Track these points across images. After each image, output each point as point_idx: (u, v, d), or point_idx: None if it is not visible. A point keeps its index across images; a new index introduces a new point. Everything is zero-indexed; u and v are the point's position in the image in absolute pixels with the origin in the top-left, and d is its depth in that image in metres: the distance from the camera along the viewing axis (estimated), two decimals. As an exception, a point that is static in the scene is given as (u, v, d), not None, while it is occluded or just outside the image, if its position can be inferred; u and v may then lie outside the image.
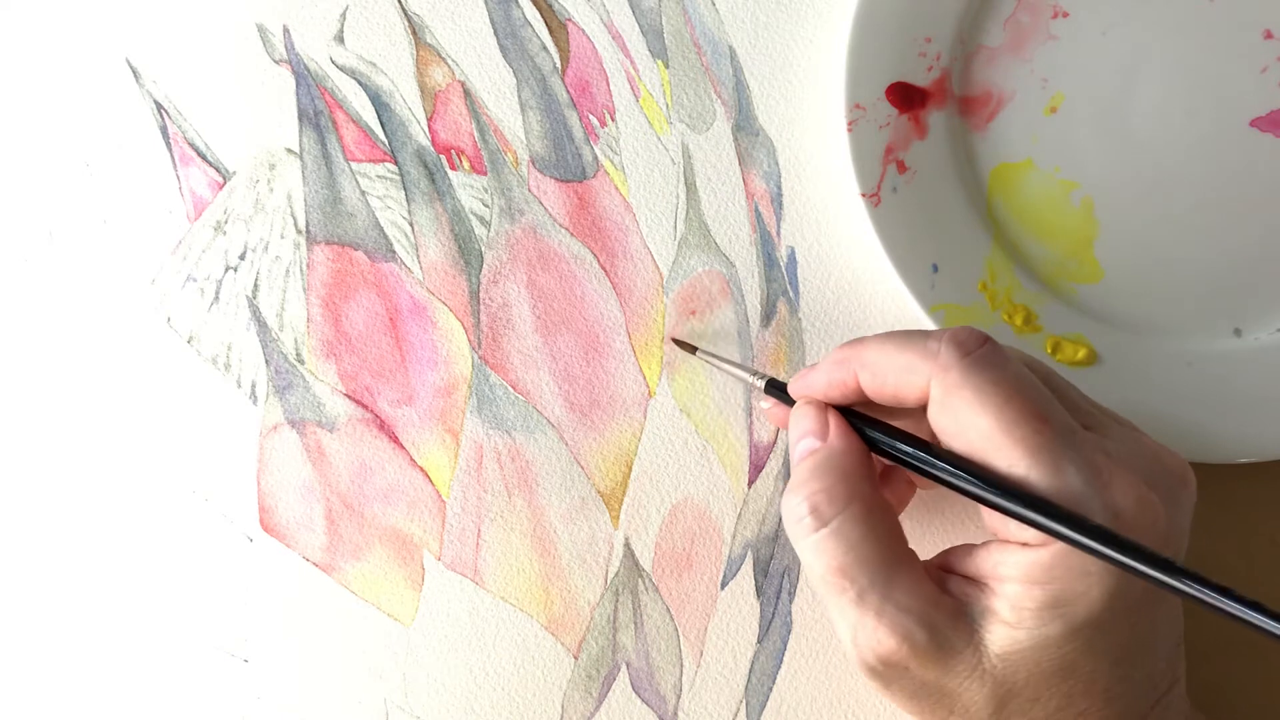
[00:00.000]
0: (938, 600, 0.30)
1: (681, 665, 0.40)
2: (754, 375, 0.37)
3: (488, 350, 0.40)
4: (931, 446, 0.31)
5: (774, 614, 0.40)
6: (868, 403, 0.33)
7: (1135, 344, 0.40)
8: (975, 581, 0.31)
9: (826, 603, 0.31)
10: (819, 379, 0.33)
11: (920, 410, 0.32)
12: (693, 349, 0.39)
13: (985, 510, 0.31)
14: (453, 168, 0.40)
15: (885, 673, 0.31)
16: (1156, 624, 0.31)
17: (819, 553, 0.31)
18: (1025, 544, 0.30)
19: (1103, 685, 0.30)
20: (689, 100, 0.40)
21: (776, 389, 0.36)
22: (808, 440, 0.33)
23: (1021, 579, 0.29)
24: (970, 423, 0.30)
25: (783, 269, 0.40)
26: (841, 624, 0.31)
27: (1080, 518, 0.28)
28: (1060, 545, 0.29)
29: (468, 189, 0.40)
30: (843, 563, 0.30)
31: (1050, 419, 0.30)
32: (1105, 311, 0.40)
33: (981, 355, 0.30)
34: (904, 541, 0.32)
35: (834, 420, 0.33)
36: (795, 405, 0.34)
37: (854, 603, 0.30)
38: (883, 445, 0.32)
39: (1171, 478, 0.31)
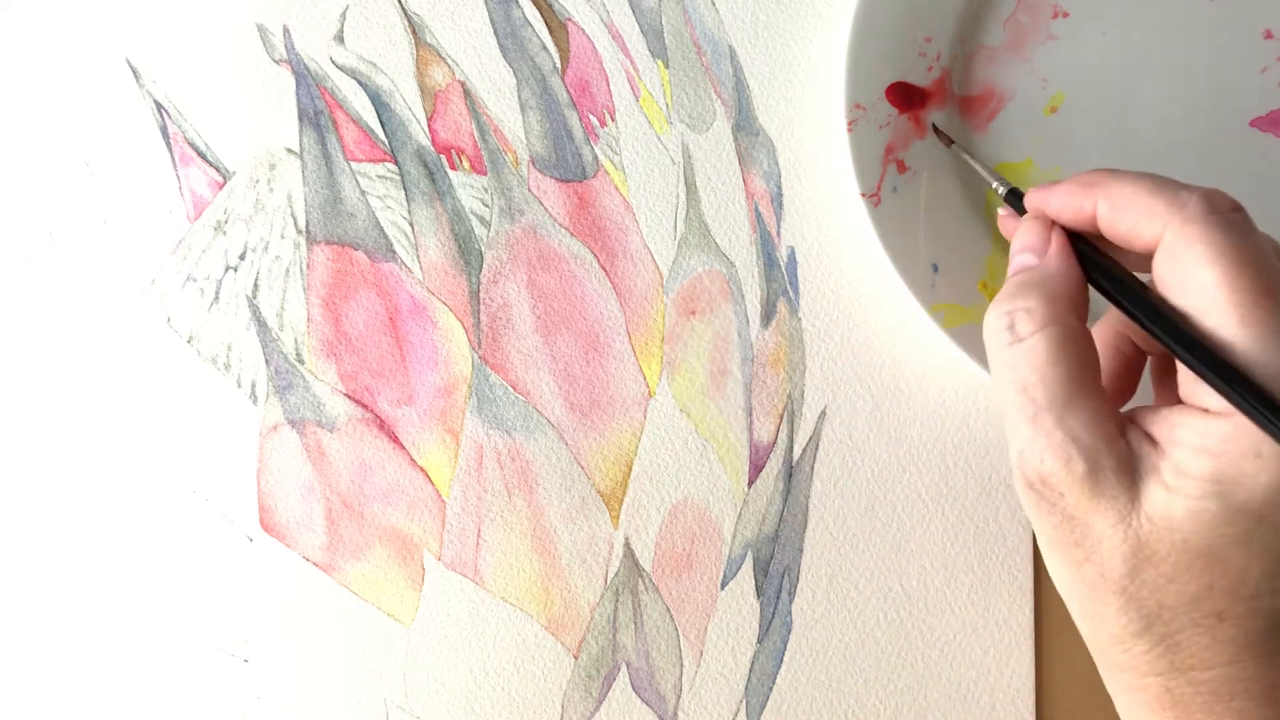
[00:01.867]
0: (1112, 439, 0.30)
1: (681, 665, 0.40)
2: (997, 181, 0.36)
3: (488, 350, 0.40)
4: (1146, 289, 0.31)
5: (774, 614, 0.40)
6: (1096, 235, 0.33)
7: (1135, 344, 0.40)
8: (1151, 439, 0.30)
9: (1004, 416, 0.31)
10: (1057, 197, 0.32)
11: (1145, 259, 0.31)
12: (949, 141, 0.39)
13: (1180, 372, 0.30)
14: (453, 167, 0.40)
15: (1041, 491, 0.30)
16: None
17: (1008, 366, 0.31)
18: (1207, 410, 0.29)
19: (1250, 589, 0.29)
20: (689, 100, 0.40)
21: (1016, 199, 0.35)
22: (1025, 256, 0.33)
23: (1193, 445, 0.29)
24: (1194, 275, 0.29)
25: (783, 269, 0.40)
26: (1013, 438, 0.31)
27: (1270, 394, 0.27)
28: (1239, 419, 0.28)
29: (468, 189, 0.40)
30: (1026, 380, 0.30)
31: (1277, 296, 0.28)
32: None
33: (1228, 218, 0.29)
34: (1097, 376, 0.31)
35: (1057, 241, 0.32)
36: (1024, 218, 0.34)
37: (1029, 420, 0.30)
38: (1097, 275, 0.32)
39: None
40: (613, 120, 0.40)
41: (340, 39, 0.40)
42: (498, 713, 0.39)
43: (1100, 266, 0.32)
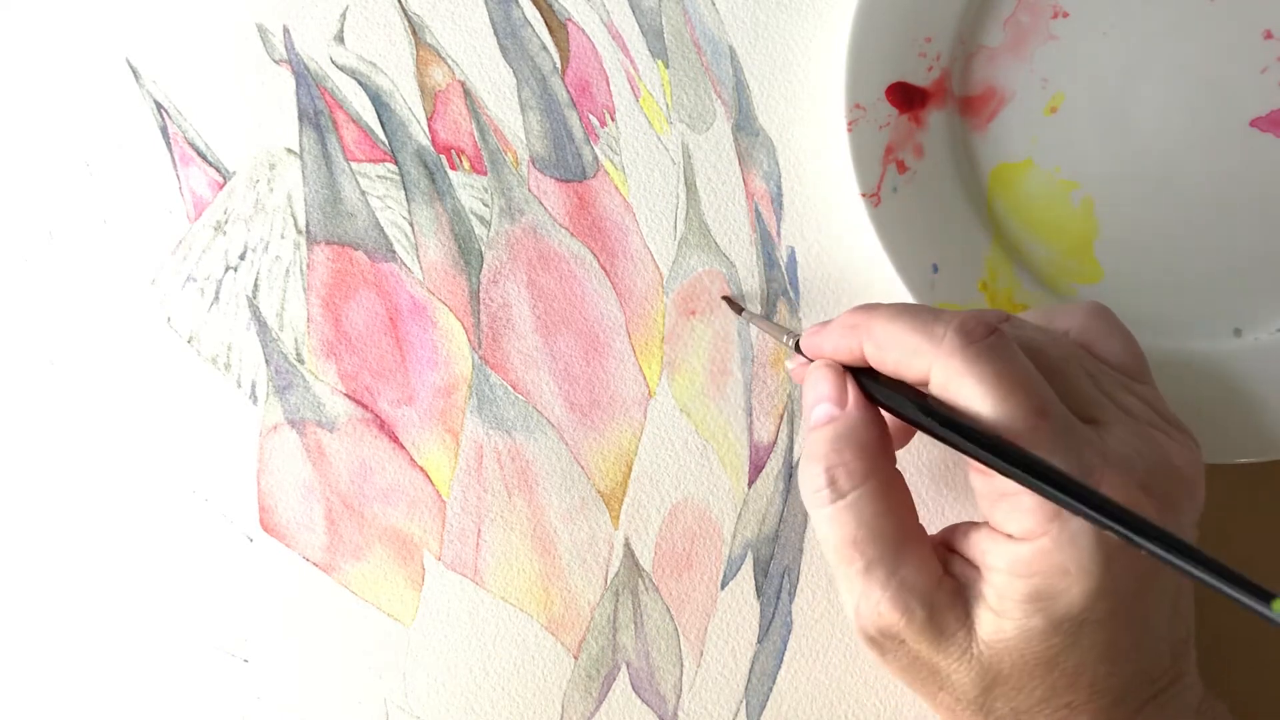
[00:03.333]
0: (940, 579, 0.31)
1: (681, 665, 0.40)
2: (786, 334, 0.37)
3: (488, 350, 0.40)
4: (932, 404, 0.31)
5: (774, 614, 0.40)
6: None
7: (1135, 344, 0.40)
8: (972, 564, 0.32)
9: (834, 571, 0.32)
10: (829, 340, 0.34)
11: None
12: (740, 309, 0.39)
13: (979, 496, 0.31)
14: (453, 167, 0.40)
15: (882, 642, 0.32)
16: (1150, 620, 0.31)
17: (833, 524, 0.32)
18: (1010, 536, 0.30)
19: (1089, 679, 0.31)
20: (689, 100, 0.40)
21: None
22: (825, 406, 0.33)
23: (1007, 570, 0.30)
24: (967, 409, 0.30)
25: (783, 269, 0.40)
26: (846, 592, 0.32)
27: (1070, 480, 0.28)
28: (1041, 542, 0.29)
29: (468, 189, 0.40)
30: (855, 535, 0.31)
31: (1049, 415, 0.30)
32: (1105, 311, 0.40)
33: (987, 346, 0.30)
34: (915, 516, 0.32)
35: (852, 389, 0.33)
36: (811, 366, 0.34)
37: (860, 574, 0.31)
38: (897, 409, 0.32)
39: (1175, 481, 0.31)
40: (613, 120, 0.40)
41: (340, 39, 0.40)
42: (498, 713, 0.39)
43: (888, 395, 0.32)
